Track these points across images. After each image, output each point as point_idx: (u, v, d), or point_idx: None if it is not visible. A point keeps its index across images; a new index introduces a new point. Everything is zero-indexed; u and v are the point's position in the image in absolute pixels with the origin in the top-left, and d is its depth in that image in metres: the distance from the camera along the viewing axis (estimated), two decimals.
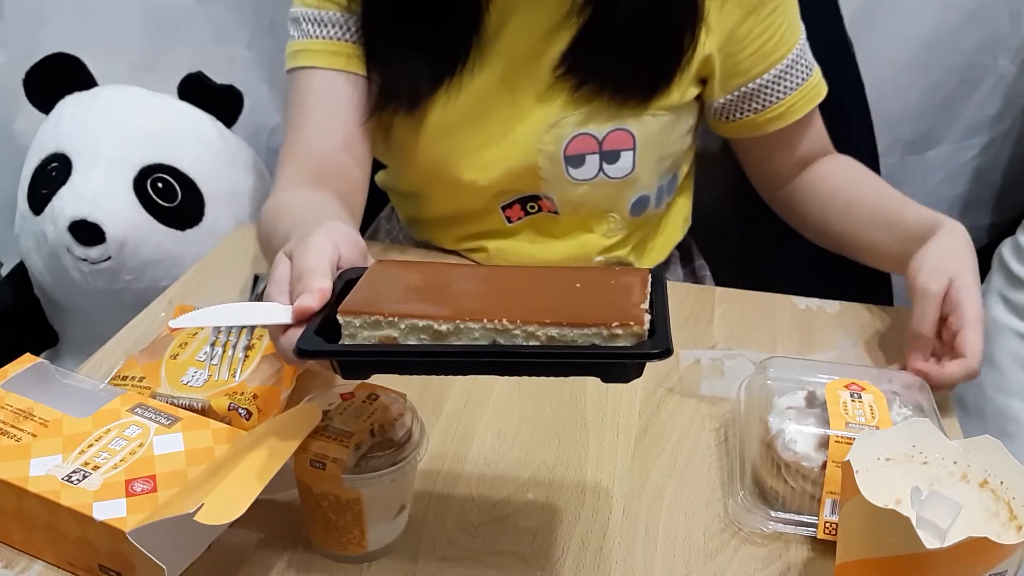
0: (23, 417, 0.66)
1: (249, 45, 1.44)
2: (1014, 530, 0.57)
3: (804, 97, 0.96)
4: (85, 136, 1.26)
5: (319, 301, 0.55)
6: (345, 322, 0.54)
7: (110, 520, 0.57)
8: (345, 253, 0.60)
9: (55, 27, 1.41)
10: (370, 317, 0.53)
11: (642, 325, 0.51)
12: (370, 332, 0.54)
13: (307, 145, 0.90)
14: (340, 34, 0.90)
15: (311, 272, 0.56)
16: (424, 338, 0.53)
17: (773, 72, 0.94)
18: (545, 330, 0.51)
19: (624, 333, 0.51)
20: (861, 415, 0.67)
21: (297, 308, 0.54)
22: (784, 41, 0.93)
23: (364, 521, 0.62)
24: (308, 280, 0.55)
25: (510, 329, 0.52)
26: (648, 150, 0.92)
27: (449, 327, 0.52)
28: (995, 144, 1.46)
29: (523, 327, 0.52)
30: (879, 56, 1.31)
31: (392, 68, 0.90)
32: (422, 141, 0.93)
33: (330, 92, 0.91)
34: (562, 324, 0.51)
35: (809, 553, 0.67)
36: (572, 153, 0.91)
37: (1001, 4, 1.34)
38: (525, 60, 0.89)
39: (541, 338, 0.52)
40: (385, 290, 0.57)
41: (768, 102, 0.96)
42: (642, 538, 0.68)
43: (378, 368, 0.56)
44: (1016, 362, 1.17)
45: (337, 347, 0.54)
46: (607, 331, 0.51)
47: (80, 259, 1.22)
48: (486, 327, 0.52)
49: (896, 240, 0.90)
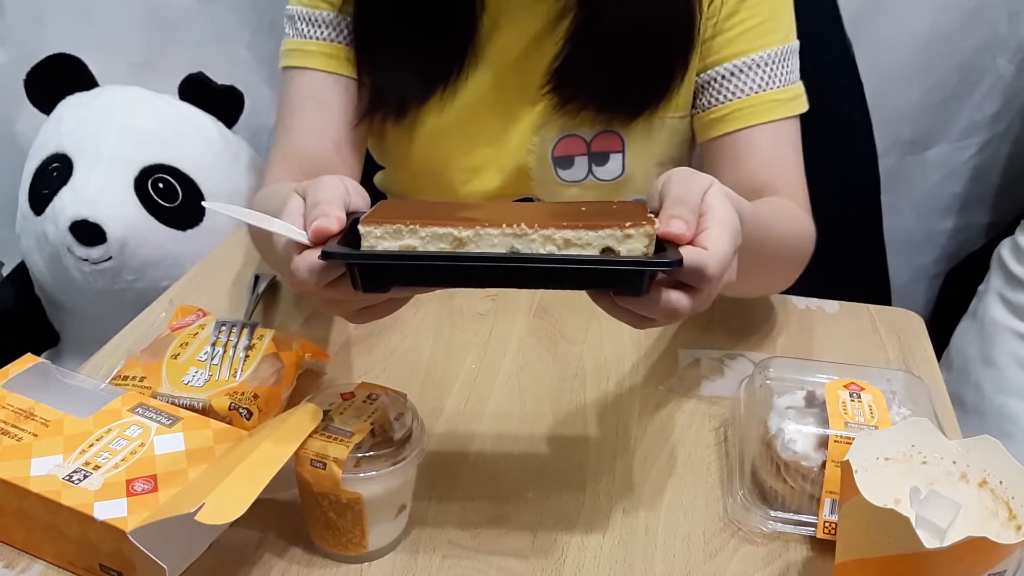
0: (24, 417, 0.66)
1: (250, 45, 1.44)
2: (1013, 530, 0.57)
3: (754, 105, 0.86)
4: (86, 136, 1.27)
5: (337, 225, 0.54)
6: (366, 231, 0.54)
7: (111, 520, 0.57)
8: (355, 199, 0.59)
9: (56, 27, 1.41)
10: (392, 226, 0.54)
11: (653, 225, 0.53)
12: (391, 242, 0.54)
13: (296, 146, 0.90)
14: (334, 35, 0.90)
15: (328, 202, 0.56)
16: (444, 247, 0.54)
17: (729, 65, 0.86)
18: (562, 233, 0.53)
19: (637, 234, 0.53)
20: (860, 415, 0.67)
21: (315, 228, 0.54)
22: (757, 37, 0.86)
23: (364, 521, 0.62)
24: (325, 207, 0.55)
25: (528, 234, 0.53)
26: (640, 153, 0.91)
27: (469, 233, 0.53)
28: (994, 144, 1.47)
29: (540, 231, 0.53)
30: (878, 56, 1.31)
31: (383, 74, 0.89)
32: (414, 145, 0.93)
33: (321, 94, 0.90)
34: (577, 226, 0.53)
35: (808, 553, 0.67)
36: (560, 154, 0.91)
37: (1000, 4, 1.34)
38: (515, 66, 0.88)
39: (558, 242, 0.53)
40: (402, 207, 0.60)
41: (717, 99, 0.88)
42: (642, 538, 0.68)
43: (399, 277, 0.56)
44: (1015, 362, 1.17)
45: (360, 252, 0.54)
46: (621, 231, 0.53)
47: (81, 259, 1.23)
48: (504, 232, 0.53)
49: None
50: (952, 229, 1.56)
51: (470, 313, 0.93)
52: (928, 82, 1.39)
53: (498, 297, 0.96)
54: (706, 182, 0.58)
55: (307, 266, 0.54)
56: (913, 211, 1.52)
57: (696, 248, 0.54)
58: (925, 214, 1.53)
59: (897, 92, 1.38)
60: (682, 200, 0.56)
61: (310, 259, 0.54)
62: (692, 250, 0.54)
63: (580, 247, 0.54)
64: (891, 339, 0.91)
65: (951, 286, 1.58)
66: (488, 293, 0.97)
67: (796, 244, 0.83)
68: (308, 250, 0.55)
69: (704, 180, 0.58)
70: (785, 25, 0.88)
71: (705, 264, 0.54)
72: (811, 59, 0.93)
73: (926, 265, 1.59)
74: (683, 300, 0.55)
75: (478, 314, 0.93)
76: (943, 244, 1.57)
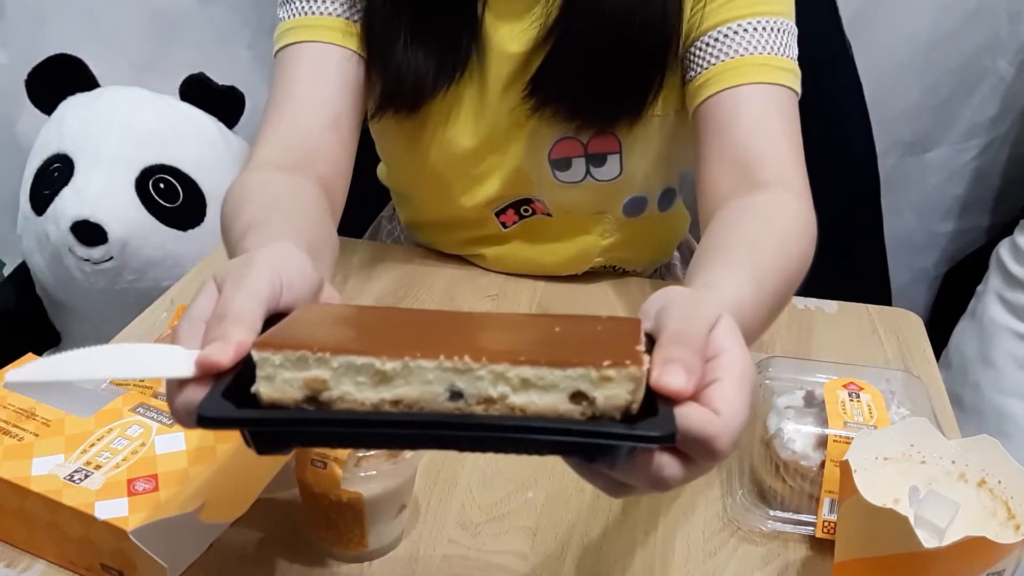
0: (25, 417, 0.66)
1: (251, 46, 1.44)
2: (1012, 529, 0.57)
3: (739, 67, 0.78)
4: (87, 137, 1.27)
5: (232, 357, 0.43)
6: (261, 359, 0.42)
7: (112, 519, 0.57)
8: (289, 296, 0.49)
9: (57, 28, 1.41)
10: (294, 352, 0.42)
11: (640, 366, 0.40)
12: (293, 373, 0.42)
13: (290, 120, 0.82)
14: (337, 10, 0.84)
15: (236, 317, 0.44)
16: (363, 381, 0.42)
17: (720, 30, 0.79)
18: (518, 370, 0.41)
19: (618, 376, 0.40)
20: (859, 414, 0.67)
21: (202, 360, 0.43)
22: (748, 5, 0.79)
23: (364, 521, 0.62)
24: (228, 327, 0.44)
25: (473, 369, 0.41)
26: (638, 153, 0.89)
27: (396, 366, 0.41)
28: (994, 146, 1.47)
29: (489, 366, 0.41)
30: (878, 57, 1.31)
31: (396, 65, 0.85)
32: (414, 144, 0.91)
33: (321, 65, 0.84)
34: (539, 363, 0.41)
35: (807, 552, 0.67)
36: (557, 156, 0.90)
37: (1000, 6, 1.34)
38: (512, 68, 0.87)
39: (512, 381, 0.41)
40: (316, 324, 0.47)
41: (701, 66, 0.80)
42: (641, 537, 0.68)
43: (301, 440, 0.45)
44: (1014, 362, 1.18)
45: (249, 414, 0.42)
46: (596, 372, 0.40)
47: (82, 259, 1.23)
48: (442, 366, 0.41)
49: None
50: (953, 231, 1.56)
51: None
52: (928, 83, 1.39)
53: (498, 297, 0.96)
54: (713, 314, 0.46)
55: (187, 409, 0.43)
56: (913, 213, 1.52)
57: (704, 410, 0.42)
58: (925, 216, 1.53)
59: (897, 93, 1.38)
60: (683, 337, 0.44)
61: (191, 399, 0.43)
62: (699, 413, 0.42)
63: (542, 389, 0.41)
64: (890, 339, 0.91)
65: (950, 286, 1.58)
66: (488, 292, 0.97)
67: (794, 281, 0.71)
68: (192, 387, 0.43)
69: (710, 312, 0.46)
70: (780, 1, 0.81)
71: (716, 436, 0.41)
72: (811, 59, 0.93)
73: (927, 267, 1.59)
74: (676, 471, 0.43)
75: None
76: (944, 246, 1.57)
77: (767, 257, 0.66)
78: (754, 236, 0.69)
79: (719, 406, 0.42)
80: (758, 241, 0.68)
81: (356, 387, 0.42)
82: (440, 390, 0.42)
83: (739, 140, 0.77)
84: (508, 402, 0.41)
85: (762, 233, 0.69)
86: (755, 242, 0.68)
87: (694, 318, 0.45)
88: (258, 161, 0.79)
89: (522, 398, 0.41)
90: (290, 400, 0.42)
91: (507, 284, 0.98)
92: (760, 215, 0.72)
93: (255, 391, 0.42)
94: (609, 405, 0.41)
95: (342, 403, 0.42)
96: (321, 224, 0.71)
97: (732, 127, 0.77)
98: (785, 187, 0.75)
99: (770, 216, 0.72)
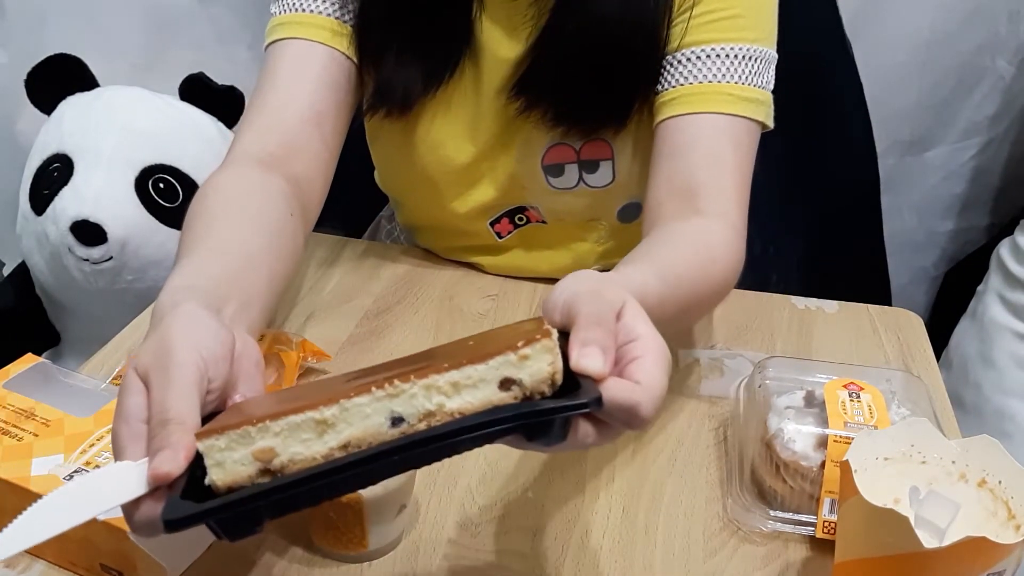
0: (25, 417, 0.66)
1: (250, 46, 1.44)
2: (1012, 529, 0.57)
3: (704, 93, 0.79)
4: (87, 137, 1.27)
5: (183, 463, 0.44)
6: (207, 447, 0.43)
7: (112, 520, 0.57)
8: (214, 369, 0.49)
9: (57, 28, 1.41)
10: (236, 431, 0.43)
11: (550, 337, 0.45)
12: (241, 451, 0.43)
13: (270, 115, 0.81)
14: (328, 9, 0.84)
15: (178, 421, 0.45)
16: (308, 436, 0.44)
17: (694, 50, 0.79)
18: (446, 376, 0.44)
19: (534, 351, 0.44)
20: (859, 415, 0.67)
21: (154, 474, 0.43)
22: (726, 30, 0.79)
23: (364, 521, 0.62)
24: (171, 432, 0.44)
25: (406, 390, 0.44)
26: (630, 159, 0.88)
27: (334, 411, 0.44)
28: (993, 145, 1.47)
29: (419, 382, 0.44)
30: (878, 57, 1.31)
31: (388, 67, 0.85)
32: (407, 148, 0.91)
33: (307, 62, 0.83)
34: (463, 364, 0.44)
35: (808, 552, 0.67)
36: (550, 163, 0.89)
37: (999, 5, 1.34)
38: (505, 73, 0.86)
39: (444, 389, 0.44)
40: (245, 408, 0.49)
41: (670, 83, 0.81)
42: (641, 537, 0.68)
43: (268, 512, 0.45)
44: (1014, 362, 1.18)
45: (213, 503, 0.43)
46: (514, 354, 0.44)
47: (82, 259, 1.23)
48: (376, 397, 0.44)
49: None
50: (953, 231, 1.56)
51: (470, 313, 0.93)
52: (927, 83, 1.39)
53: (498, 297, 0.96)
54: (618, 299, 0.50)
55: (148, 522, 0.44)
56: (913, 212, 1.52)
57: (626, 382, 0.45)
58: (925, 215, 1.53)
59: (896, 93, 1.38)
60: (596, 319, 0.47)
61: (151, 514, 0.43)
62: (622, 384, 0.45)
63: (472, 387, 0.44)
64: (890, 339, 0.92)
65: (950, 286, 1.58)
66: (488, 292, 0.97)
67: (708, 295, 0.75)
68: (148, 501, 0.44)
69: (615, 296, 0.50)
70: (761, 28, 0.81)
71: (639, 403, 0.45)
72: (811, 59, 0.93)
73: (926, 267, 1.59)
74: (590, 436, 0.47)
75: (478, 314, 0.93)
76: (944, 246, 1.58)
77: (681, 265, 0.69)
78: (673, 247, 0.72)
79: (640, 377, 0.46)
80: (676, 251, 0.71)
81: (303, 445, 0.44)
82: (382, 420, 0.44)
83: (689, 167, 0.78)
84: (446, 409, 0.44)
85: (682, 247, 0.72)
86: (672, 251, 0.71)
87: (601, 303, 0.49)
88: (235, 154, 0.79)
89: (457, 402, 0.44)
90: (245, 478, 0.44)
91: (507, 285, 0.99)
92: (688, 234, 0.75)
93: (209, 482, 0.44)
94: (536, 381, 0.45)
95: (294, 464, 0.44)
96: (272, 231, 0.72)
97: (686, 153, 0.79)
98: (722, 218, 0.77)
99: (696, 237, 0.75)
